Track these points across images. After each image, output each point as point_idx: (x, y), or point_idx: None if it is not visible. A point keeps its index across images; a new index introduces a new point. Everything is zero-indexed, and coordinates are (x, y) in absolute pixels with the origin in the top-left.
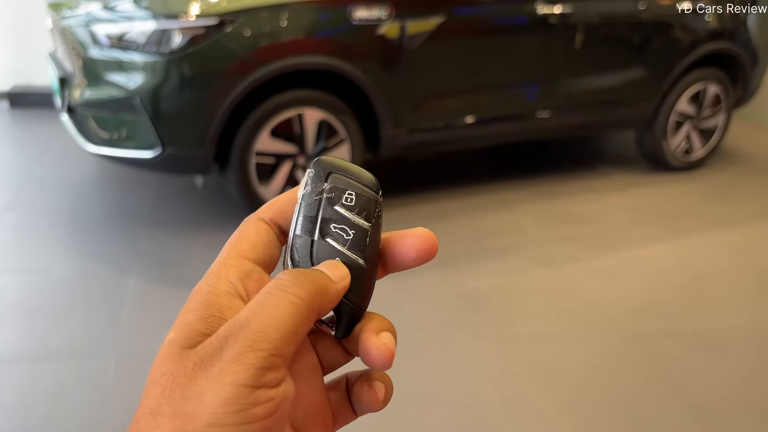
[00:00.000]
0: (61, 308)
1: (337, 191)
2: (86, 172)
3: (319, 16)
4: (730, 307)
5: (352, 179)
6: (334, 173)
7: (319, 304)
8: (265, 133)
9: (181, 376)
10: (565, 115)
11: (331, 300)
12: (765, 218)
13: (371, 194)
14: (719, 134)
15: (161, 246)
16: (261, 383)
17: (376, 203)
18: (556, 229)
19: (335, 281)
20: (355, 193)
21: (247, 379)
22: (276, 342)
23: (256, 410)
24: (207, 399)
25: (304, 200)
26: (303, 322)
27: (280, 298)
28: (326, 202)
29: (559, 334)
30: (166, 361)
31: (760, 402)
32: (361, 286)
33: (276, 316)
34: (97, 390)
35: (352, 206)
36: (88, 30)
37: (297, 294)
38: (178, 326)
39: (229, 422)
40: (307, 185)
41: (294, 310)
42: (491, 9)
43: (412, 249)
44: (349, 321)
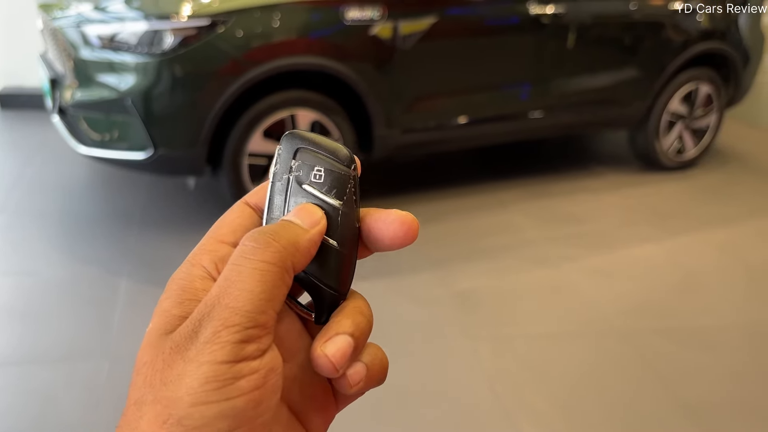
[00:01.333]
0: (53, 310)
1: (305, 168)
2: (77, 174)
3: (312, 17)
4: (721, 305)
5: (321, 154)
6: (303, 149)
7: (291, 261)
8: (257, 134)
9: (159, 363)
10: (558, 114)
11: (306, 251)
12: (757, 217)
13: (342, 169)
14: (711, 134)
15: (153, 247)
16: (241, 357)
17: (348, 179)
18: (550, 228)
19: (307, 228)
20: (324, 169)
21: (225, 356)
22: (249, 314)
23: (240, 384)
24: (186, 381)
25: (274, 179)
26: (276, 285)
27: (245, 267)
28: (294, 180)
29: (552, 334)
30: (145, 350)
31: (752, 399)
32: (338, 269)
33: (244, 287)
34: (89, 392)
35: (320, 183)
36: (79, 31)
37: (262, 259)
38: (156, 315)
39: (212, 399)
40: (277, 163)
41: (262, 276)
42: (484, 9)
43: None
44: (329, 307)
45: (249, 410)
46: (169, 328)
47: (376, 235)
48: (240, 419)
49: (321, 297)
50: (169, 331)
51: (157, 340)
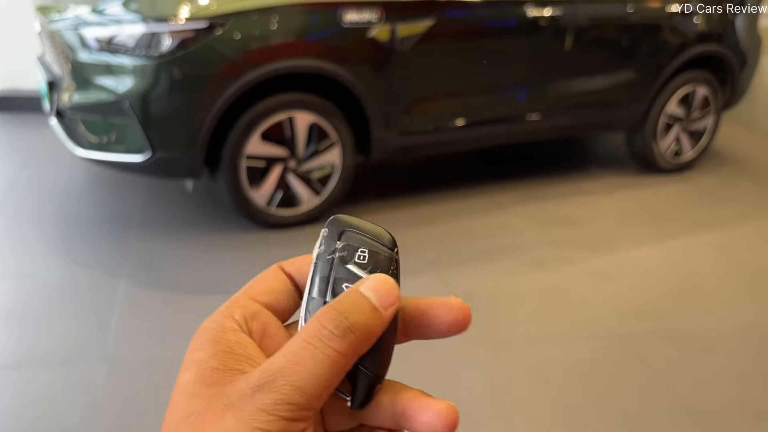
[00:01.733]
0: (50, 313)
1: (350, 249)
2: (75, 176)
3: (310, 19)
4: (719, 307)
5: (366, 236)
6: (347, 231)
7: (361, 351)
8: (255, 136)
9: (210, 415)
10: (556, 117)
11: (375, 337)
12: (754, 219)
13: (386, 251)
14: (708, 136)
15: (151, 250)
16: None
17: (390, 260)
18: (548, 231)
19: (381, 311)
20: (368, 251)
21: (276, 429)
22: (310, 397)
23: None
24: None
25: (318, 260)
26: (340, 374)
27: (319, 352)
28: (338, 260)
29: (550, 336)
30: (192, 400)
31: (750, 401)
32: (381, 353)
33: (313, 372)
34: (87, 396)
35: (365, 264)
36: (77, 33)
37: (337, 349)
38: (191, 366)
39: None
40: (321, 245)
41: (332, 366)
42: (482, 12)
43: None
44: (366, 391)
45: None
46: (210, 380)
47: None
48: None
49: (360, 381)
50: (209, 383)
51: (205, 392)
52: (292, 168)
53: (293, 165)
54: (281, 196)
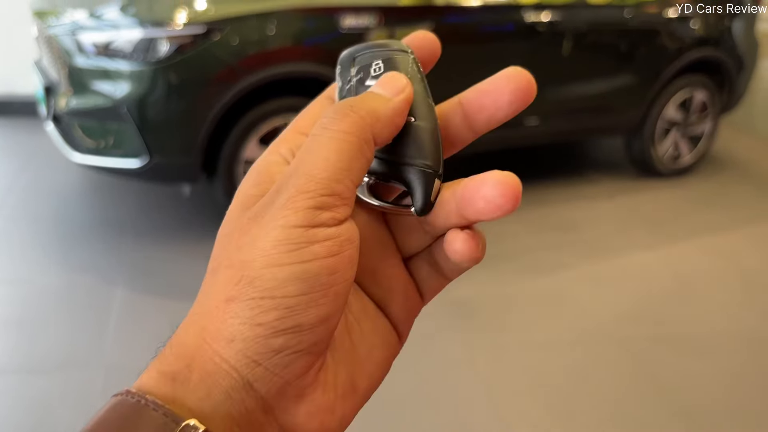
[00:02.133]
0: (47, 319)
1: (365, 68)
2: (71, 182)
3: (308, 24)
4: (717, 311)
5: (376, 50)
6: (357, 56)
7: (371, 131)
8: (253, 141)
9: (236, 232)
10: (554, 122)
11: (389, 120)
12: (752, 224)
13: (400, 54)
14: (707, 141)
15: (148, 255)
16: (315, 222)
17: (407, 59)
18: (546, 235)
19: (389, 97)
20: (382, 61)
21: (298, 220)
22: (324, 181)
23: (314, 248)
24: (259, 243)
25: (339, 95)
26: (355, 156)
27: (323, 137)
28: (357, 83)
29: (549, 341)
30: (225, 225)
31: (749, 405)
32: (425, 144)
33: (320, 155)
34: (84, 402)
35: (382, 73)
36: (74, 38)
37: (339, 128)
38: (235, 197)
39: (285, 261)
40: (338, 82)
41: (339, 145)
42: (480, 17)
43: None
44: (425, 189)
45: (323, 276)
46: (248, 205)
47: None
48: (312, 284)
49: (416, 180)
50: (247, 207)
51: (237, 215)
52: None
53: None
54: None
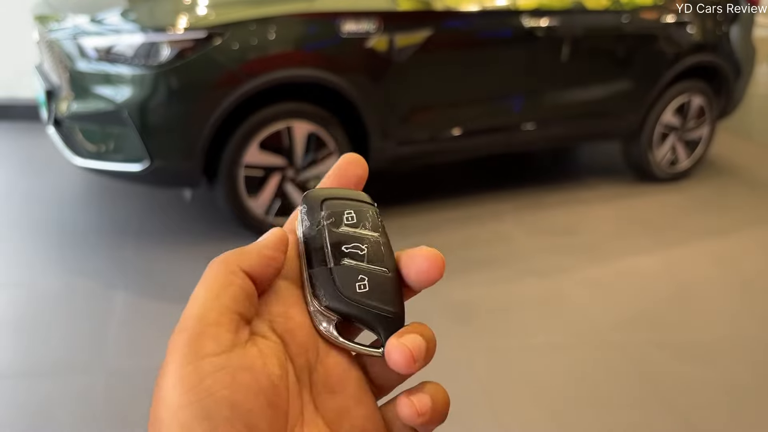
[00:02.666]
0: (48, 323)
1: (336, 215)
2: (72, 186)
3: (308, 29)
4: (716, 317)
5: (344, 199)
6: (326, 200)
7: (237, 262)
8: (254, 145)
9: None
10: (552, 126)
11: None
12: (750, 228)
13: (369, 207)
14: (704, 145)
15: (149, 260)
16: (201, 355)
17: (376, 214)
18: (544, 239)
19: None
20: (353, 211)
21: (184, 359)
22: (197, 316)
23: (207, 383)
24: (162, 393)
25: (306, 235)
26: (222, 284)
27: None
28: (329, 227)
29: (547, 345)
30: None
31: (747, 411)
32: (393, 293)
33: (194, 297)
34: (85, 406)
35: (355, 223)
36: (76, 43)
37: (209, 269)
38: None
39: (183, 402)
40: (304, 221)
41: (206, 281)
42: (479, 22)
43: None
44: (387, 333)
45: (224, 410)
46: None
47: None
48: (217, 420)
49: (382, 325)
50: None
51: None
52: (290, 177)
53: (291, 174)
54: (279, 205)
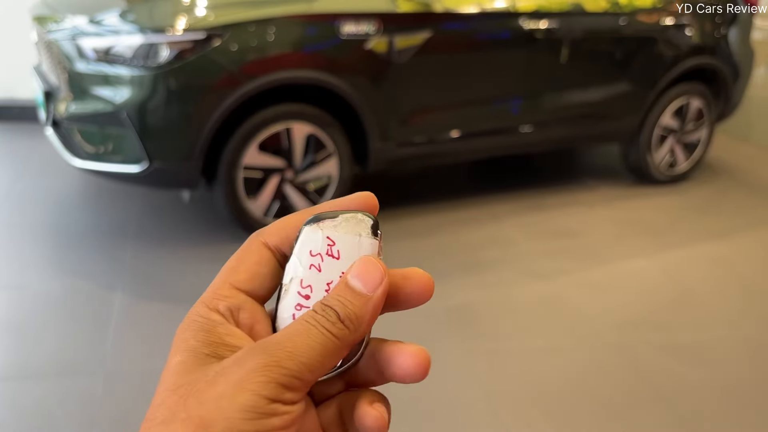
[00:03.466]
0: (46, 325)
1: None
2: (70, 187)
3: (307, 31)
4: (715, 318)
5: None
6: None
7: (356, 339)
8: (253, 147)
9: (202, 383)
10: (551, 128)
11: (368, 324)
12: (749, 231)
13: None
14: (702, 148)
15: (147, 261)
16: (279, 398)
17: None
18: (544, 242)
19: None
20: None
21: (268, 391)
22: (302, 366)
23: (273, 421)
24: (225, 403)
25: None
26: (332, 357)
27: (315, 329)
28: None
29: (548, 347)
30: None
31: (747, 413)
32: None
33: (308, 344)
34: (84, 409)
35: None
36: (74, 44)
37: (331, 331)
38: (183, 350)
39: (245, 428)
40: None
41: (326, 343)
42: (478, 24)
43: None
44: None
45: None
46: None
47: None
48: None
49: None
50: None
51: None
52: (289, 179)
53: (290, 176)
54: (278, 207)
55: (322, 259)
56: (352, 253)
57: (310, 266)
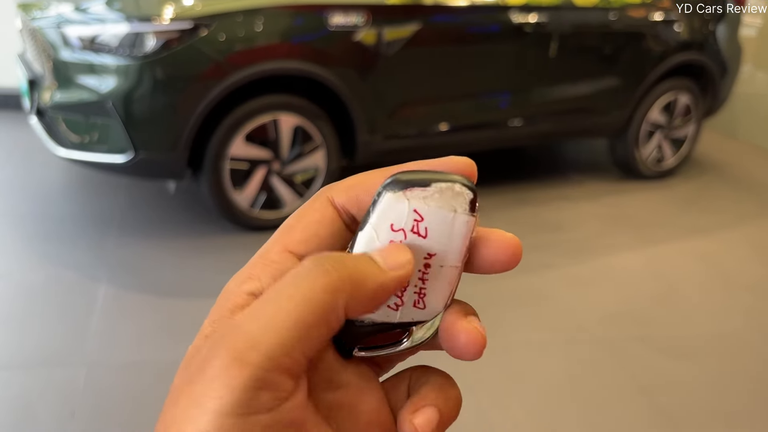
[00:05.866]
0: (28, 315)
1: None
2: (54, 176)
3: (295, 22)
4: (699, 313)
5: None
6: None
7: (345, 300)
8: (239, 138)
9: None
10: (539, 123)
11: (371, 294)
12: (733, 227)
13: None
14: (689, 144)
15: (132, 252)
16: (253, 408)
17: None
18: (530, 236)
19: (384, 269)
20: None
21: (233, 405)
22: (272, 351)
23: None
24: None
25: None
26: (315, 323)
27: (284, 291)
28: None
29: (533, 342)
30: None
31: (729, 407)
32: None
33: (279, 316)
34: (65, 400)
35: None
36: (60, 32)
37: (311, 286)
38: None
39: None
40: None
41: (302, 307)
42: (468, 17)
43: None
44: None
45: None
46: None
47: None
48: None
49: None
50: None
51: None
52: (276, 170)
53: (277, 167)
54: (265, 199)
55: (405, 236)
56: (444, 232)
57: (390, 242)
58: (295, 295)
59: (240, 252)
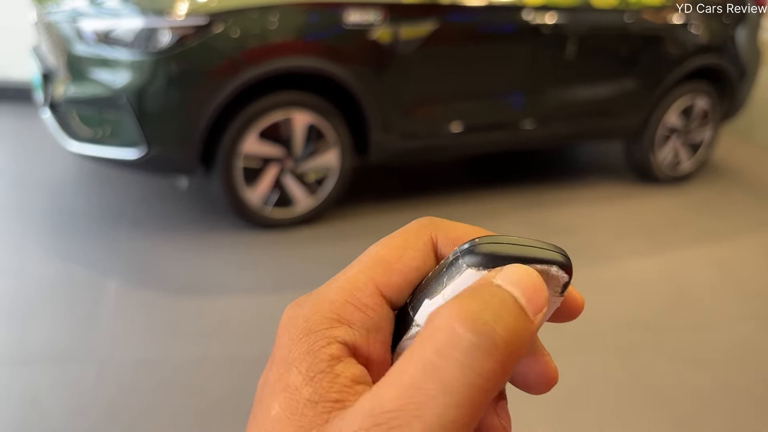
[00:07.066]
0: (39, 310)
1: None
2: (66, 171)
3: (310, 19)
4: (714, 320)
5: None
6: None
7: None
8: (252, 135)
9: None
10: (554, 125)
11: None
12: (750, 233)
13: None
14: (706, 148)
15: (144, 248)
16: None
17: None
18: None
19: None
20: None
21: None
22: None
23: None
24: None
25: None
26: (484, 404)
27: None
28: None
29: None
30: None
31: (743, 415)
32: None
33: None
34: (76, 396)
35: None
36: (74, 26)
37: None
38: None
39: None
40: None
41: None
42: (485, 17)
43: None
44: None
45: None
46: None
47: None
48: None
49: None
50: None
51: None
52: (289, 168)
53: (290, 165)
54: (277, 197)
55: None
56: None
57: None
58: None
59: (252, 250)
